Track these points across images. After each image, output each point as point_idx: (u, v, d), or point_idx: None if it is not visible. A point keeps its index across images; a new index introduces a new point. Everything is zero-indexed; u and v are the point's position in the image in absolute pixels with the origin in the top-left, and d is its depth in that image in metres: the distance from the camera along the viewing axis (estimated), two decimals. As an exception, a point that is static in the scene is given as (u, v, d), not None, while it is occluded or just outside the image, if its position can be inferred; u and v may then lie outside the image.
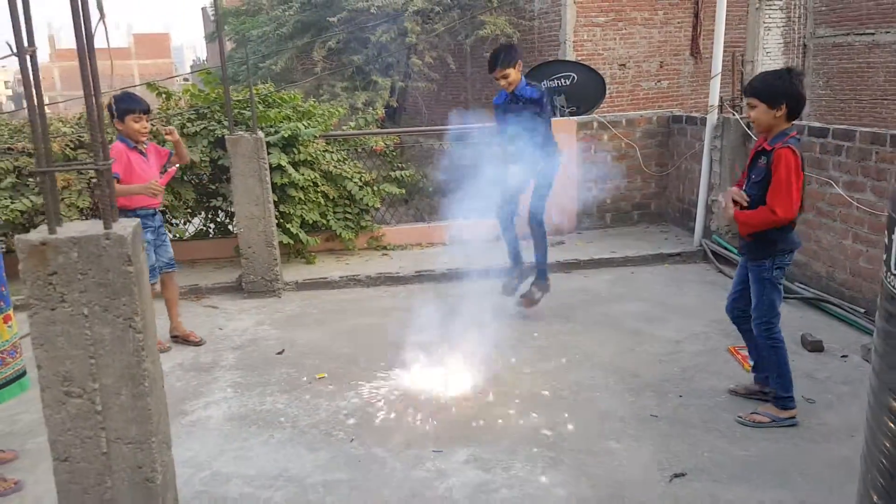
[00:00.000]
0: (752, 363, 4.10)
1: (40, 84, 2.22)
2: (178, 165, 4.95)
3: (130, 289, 2.25)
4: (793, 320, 4.98)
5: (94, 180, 6.17)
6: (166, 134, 4.86)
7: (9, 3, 2.08)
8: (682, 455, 3.42)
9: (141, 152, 4.62)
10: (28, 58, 2.16)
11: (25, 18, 2.17)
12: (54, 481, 2.35)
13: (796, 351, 4.50)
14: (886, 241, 1.81)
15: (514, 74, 5.02)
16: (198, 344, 5.02)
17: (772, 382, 3.71)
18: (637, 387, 4.15)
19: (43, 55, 73.79)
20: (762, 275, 3.57)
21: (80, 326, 2.25)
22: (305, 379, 4.43)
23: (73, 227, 2.27)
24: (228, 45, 23.72)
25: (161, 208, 5.16)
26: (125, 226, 2.29)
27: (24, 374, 3.33)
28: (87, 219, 6.04)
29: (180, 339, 5.05)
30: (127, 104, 4.53)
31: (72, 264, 2.20)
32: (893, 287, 1.65)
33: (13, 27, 2.10)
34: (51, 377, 2.27)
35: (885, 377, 1.85)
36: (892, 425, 1.81)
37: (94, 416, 2.31)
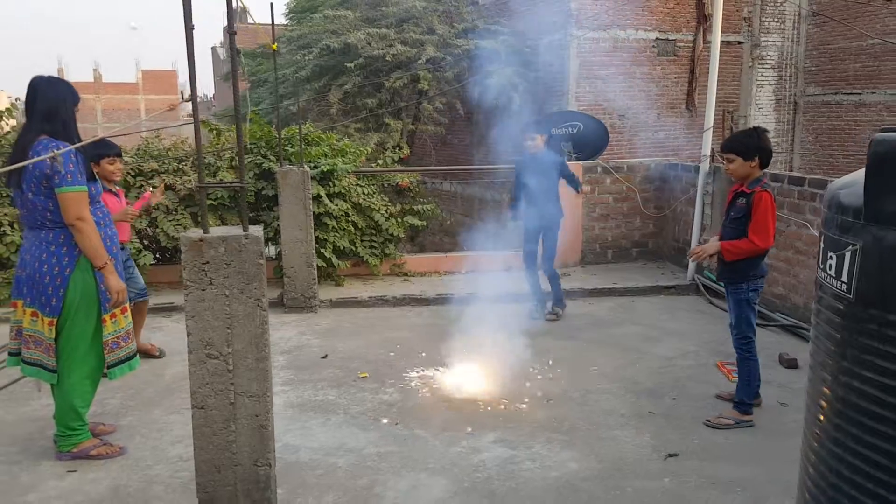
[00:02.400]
0: (736, 375, 4.83)
1: (198, 124, 2.96)
2: (151, 190, 5.56)
3: (260, 276, 2.98)
4: (773, 344, 5.72)
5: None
6: (157, 191, 5.51)
7: (188, 56, 2.83)
8: (675, 441, 4.11)
9: (114, 192, 5.08)
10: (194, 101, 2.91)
11: (190, 67, 2.93)
12: (191, 424, 3.04)
13: (774, 367, 5.24)
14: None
15: (540, 141, 6.26)
16: (158, 357, 5.54)
17: (738, 390, 4.40)
18: (637, 391, 4.86)
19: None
20: (740, 297, 4.30)
21: (221, 304, 2.96)
22: (350, 377, 5.12)
23: (220, 230, 3.00)
24: (244, 85, 24.74)
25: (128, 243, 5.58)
26: (258, 229, 3.02)
27: (134, 356, 4.00)
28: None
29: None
30: (102, 149, 4.78)
31: (220, 256, 2.92)
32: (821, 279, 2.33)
33: (190, 76, 2.85)
34: (197, 342, 2.98)
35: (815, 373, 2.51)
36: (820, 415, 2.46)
37: (226, 374, 3.02)
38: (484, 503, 3.48)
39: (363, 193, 7.78)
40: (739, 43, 16.99)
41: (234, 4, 2.82)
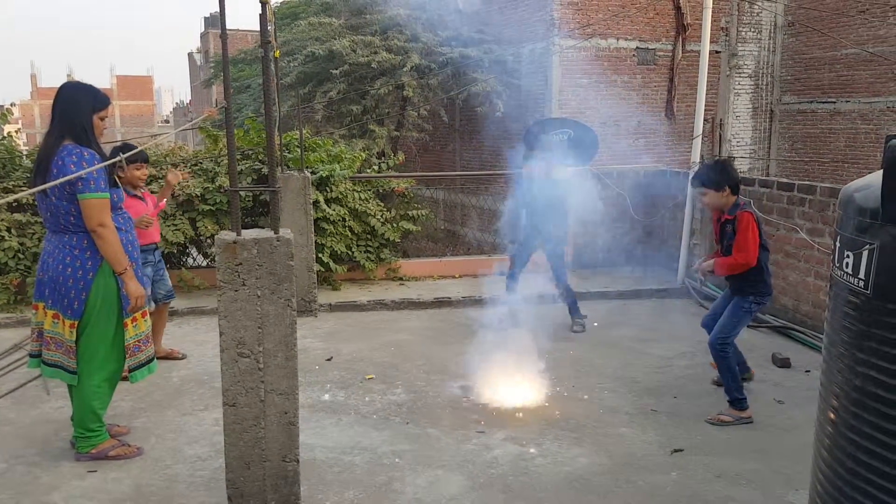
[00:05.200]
0: None
1: (233, 131, 3.05)
2: (166, 200, 5.65)
3: (291, 278, 3.07)
4: (765, 345, 5.90)
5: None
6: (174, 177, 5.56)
7: (223, 68, 2.92)
8: (679, 438, 4.25)
9: (140, 197, 5.17)
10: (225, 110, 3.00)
11: (225, 77, 3.02)
12: (222, 421, 3.12)
13: (767, 366, 5.41)
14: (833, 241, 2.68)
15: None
16: (181, 358, 5.63)
17: (726, 390, 4.55)
18: (638, 390, 5.00)
19: (24, 93, 73.99)
20: (742, 304, 4.51)
21: (254, 304, 3.05)
22: (356, 379, 5.21)
23: (252, 232, 3.10)
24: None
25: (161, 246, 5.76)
26: (288, 231, 3.12)
27: (153, 359, 4.06)
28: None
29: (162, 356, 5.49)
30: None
31: (252, 258, 3.02)
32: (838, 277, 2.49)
33: (224, 85, 2.95)
34: (229, 341, 3.06)
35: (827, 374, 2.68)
36: (830, 415, 2.62)
37: (257, 372, 3.10)
38: (501, 497, 3.59)
39: (359, 199, 7.87)
40: (717, 52, 17.30)
41: (267, 16, 2.92)
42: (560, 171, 6.29)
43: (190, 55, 55.18)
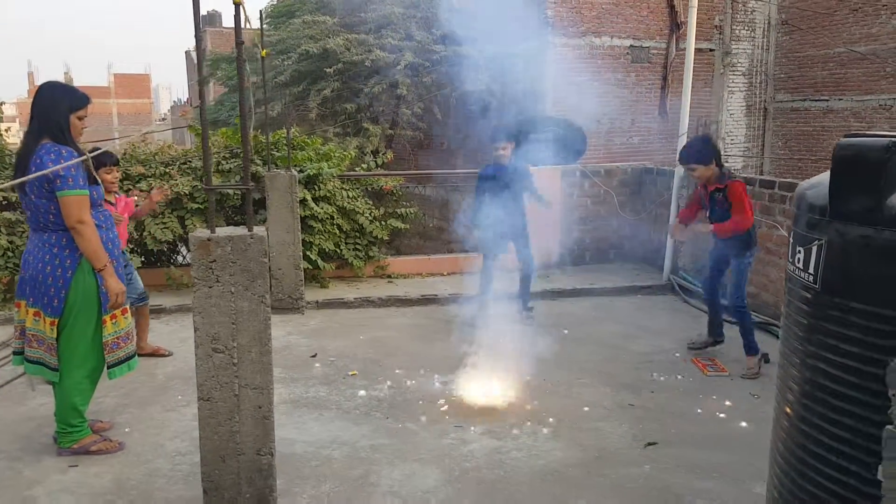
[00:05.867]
0: (710, 370, 5.17)
1: (207, 131, 3.11)
2: (137, 205, 5.66)
3: (264, 274, 3.13)
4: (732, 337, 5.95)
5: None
6: (158, 192, 5.57)
7: (198, 68, 2.98)
8: (653, 431, 4.32)
9: (111, 203, 5.13)
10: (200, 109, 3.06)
11: (199, 78, 3.08)
12: (197, 416, 3.18)
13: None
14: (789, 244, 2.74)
15: (509, 150, 6.25)
16: (167, 355, 5.67)
17: (746, 344, 5.24)
18: (617, 385, 5.06)
19: (21, 91, 74.01)
20: (744, 263, 5.17)
21: (227, 300, 3.11)
22: (340, 375, 5.27)
23: (226, 230, 3.15)
24: (221, 90, 24.75)
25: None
26: (262, 229, 3.17)
27: (133, 356, 4.12)
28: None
29: (147, 355, 5.56)
30: (100, 158, 4.78)
31: (226, 255, 3.07)
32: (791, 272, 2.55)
33: (199, 82, 3.01)
34: (204, 337, 3.12)
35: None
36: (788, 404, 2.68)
37: (231, 367, 3.16)
38: (474, 490, 3.65)
39: (347, 197, 7.93)
40: (711, 50, 17.36)
41: (241, 10, 2.97)
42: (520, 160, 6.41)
43: (187, 53, 55.15)
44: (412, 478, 3.77)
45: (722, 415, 4.58)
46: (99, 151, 4.59)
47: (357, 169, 8.51)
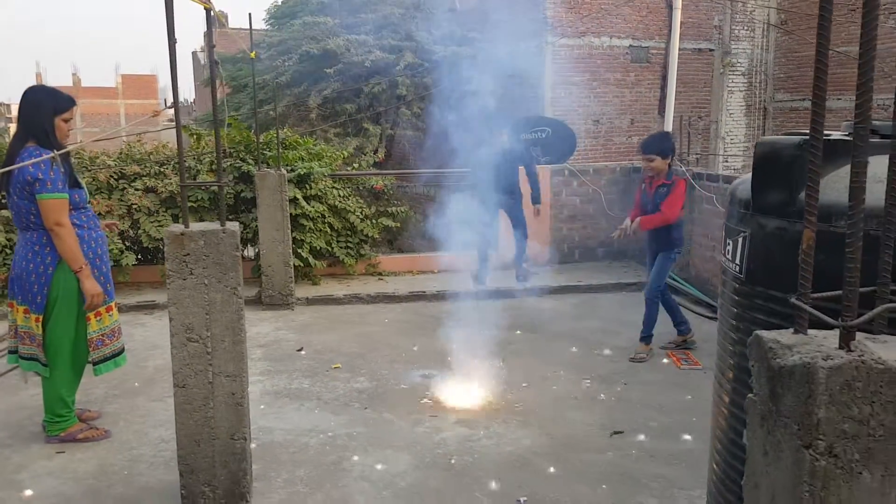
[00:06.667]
0: (684, 363, 5.30)
1: (181, 132, 3.27)
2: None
3: (237, 267, 3.29)
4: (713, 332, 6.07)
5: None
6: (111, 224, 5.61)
7: (171, 66, 3.14)
8: (622, 421, 4.46)
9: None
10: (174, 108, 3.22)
11: (173, 79, 3.24)
12: (173, 402, 3.35)
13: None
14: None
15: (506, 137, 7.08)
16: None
17: (644, 328, 5.61)
18: (591, 378, 5.21)
19: (31, 92, 74.10)
20: (669, 257, 5.57)
21: (201, 292, 3.27)
22: (323, 368, 5.43)
23: (199, 225, 3.31)
24: (226, 90, 24.94)
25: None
26: (235, 224, 3.33)
27: (121, 352, 4.28)
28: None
29: None
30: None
31: (199, 249, 3.23)
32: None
33: (172, 85, 3.16)
34: (178, 327, 3.28)
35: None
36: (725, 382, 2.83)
37: (205, 356, 3.32)
38: (442, 475, 3.80)
39: (339, 196, 8.09)
40: (710, 50, 17.46)
41: (213, 15, 3.13)
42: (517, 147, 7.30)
43: (194, 54, 55.42)
44: (384, 463, 3.92)
45: (688, 406, 4.71)
46: (67, 149, 4.66)
47: (349, 168, 8.67)
